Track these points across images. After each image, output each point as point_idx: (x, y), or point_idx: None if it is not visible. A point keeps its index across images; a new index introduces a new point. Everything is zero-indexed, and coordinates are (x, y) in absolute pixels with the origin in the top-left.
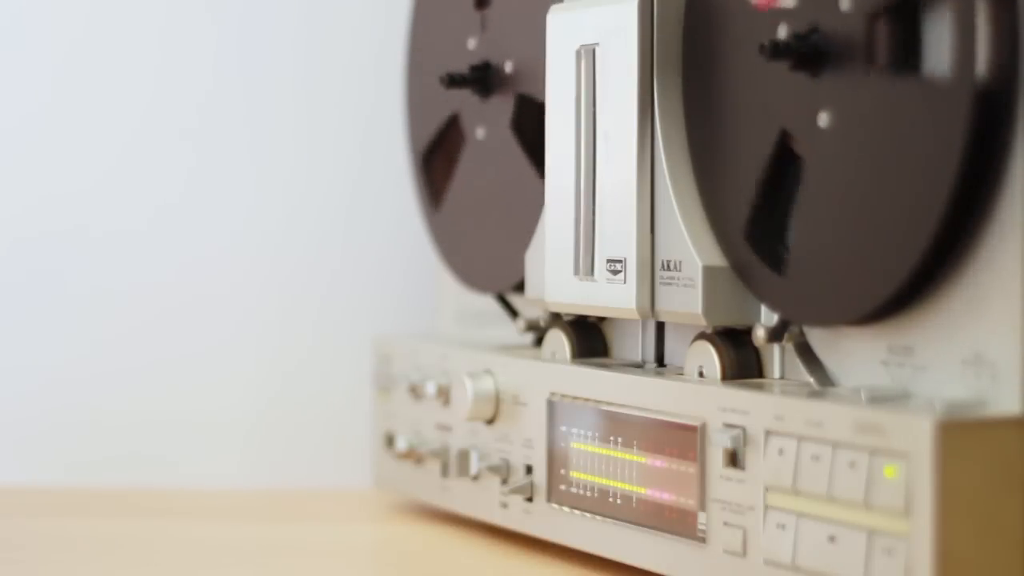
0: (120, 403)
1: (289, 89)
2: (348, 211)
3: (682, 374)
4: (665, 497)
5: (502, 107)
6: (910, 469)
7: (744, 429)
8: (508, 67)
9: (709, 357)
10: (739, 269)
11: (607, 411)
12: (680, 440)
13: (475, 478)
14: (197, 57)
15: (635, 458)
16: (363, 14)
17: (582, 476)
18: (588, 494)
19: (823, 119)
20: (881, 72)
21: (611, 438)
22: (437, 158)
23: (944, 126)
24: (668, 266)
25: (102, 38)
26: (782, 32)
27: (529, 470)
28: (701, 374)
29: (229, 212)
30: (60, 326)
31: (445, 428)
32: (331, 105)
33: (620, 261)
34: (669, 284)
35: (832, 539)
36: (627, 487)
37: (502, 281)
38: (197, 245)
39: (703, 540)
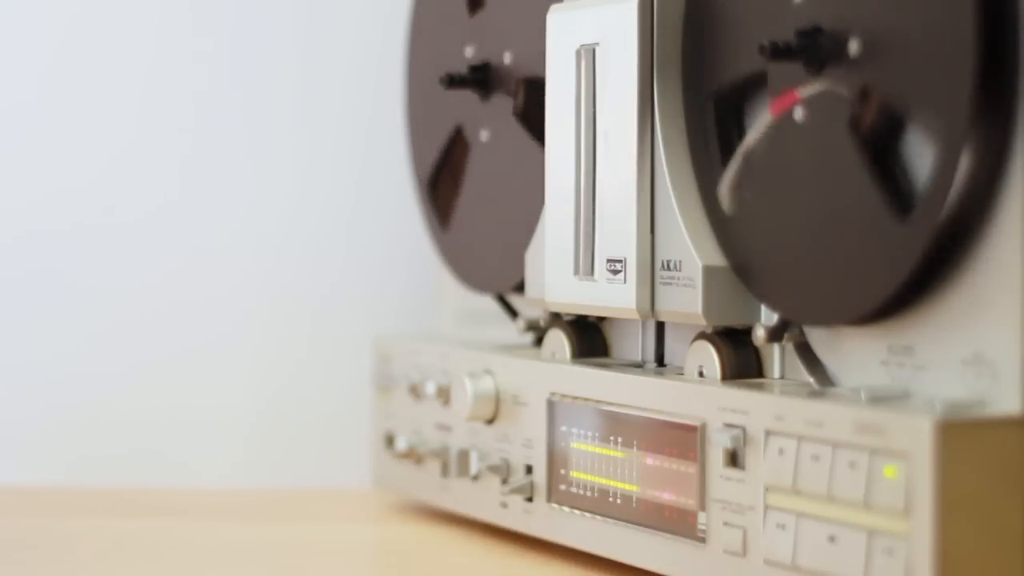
0: (120, 402)
1: (289, 88)
2: (349, 211)
3: (682, 374)
4: (665, 497)
5: (505, 103)
6: (910, 469)
7: (744, 429)
8: (508, 58)
9: (709, 357)
10: (739, 269)
11: (607, 411)
12: (680, 440)
13: (475, 478)
14: (196, 55)
15: (635, 458)
16: (363, 13)
17: (582, 476)
18: (588, 494)
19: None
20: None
21: (611, 438)
22: (443, 179)
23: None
24: (668, 266)
25: (99, 35)
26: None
27: (529, 470)
28: (701, 374)
29: (229, 211)
30: (59, 324)
31: (445, 428)
32: (332, 104)
33: (620, 261)
34: (669, 284)
35: (832, 539)
36: (627, 487)
37: (502, 281)
38: (197, 244)
39: (703, 540)
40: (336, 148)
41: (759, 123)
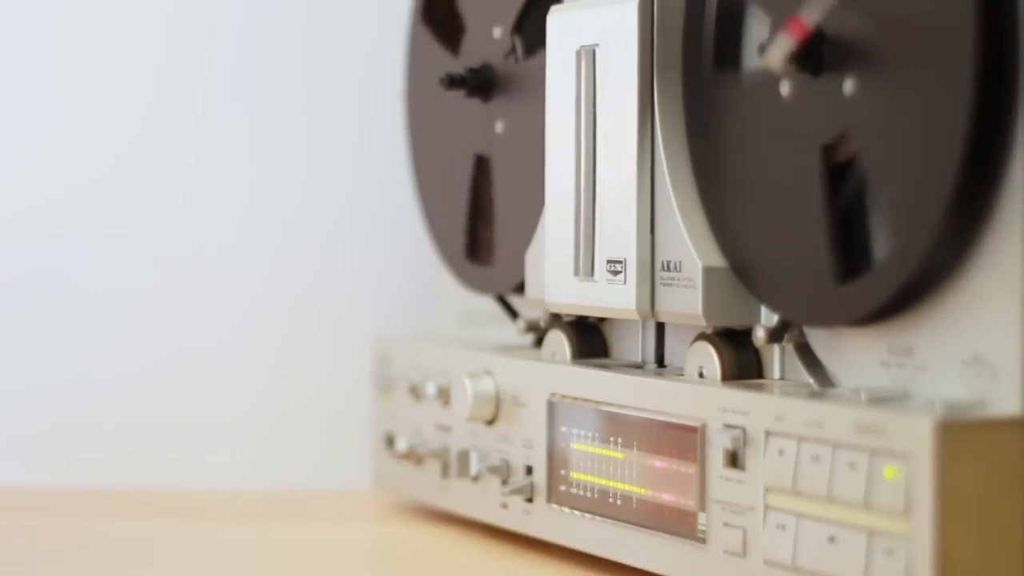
0: (121, 403)
1: (290, 89)
2: (349, 212)
3: (682, 375)
4: (665, 498)
5: (506, 98)
6: (910, 469)
7: (744, 430)
8: (497, 33)
9: (709, 358)
10: (739, 270)
11: (607, 412)
12: (680, 441)
13: (475, 479)
14: (198, 58)
15: (635, 459)
16: (365, 14)
17: (582, 477)
18: (588, 495)
19: (836, 115)
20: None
21: (611, 439)
22: (478, 230)
23: (950, 84)
24: (668, 267)
25: (104, 38)
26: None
27: (529, 471)
28: (701, 375)
29: (230, 213)
30: (61, 326)
31: (445, 429)
32: (333, 105)
33: (620, 262)
34: (669, 285)
35: (832, 539)
36: (627, 487)
37: (502, 282)
38: (198, 245)
39: (703, 541)
40: (337, 149)
41: (778, 45)
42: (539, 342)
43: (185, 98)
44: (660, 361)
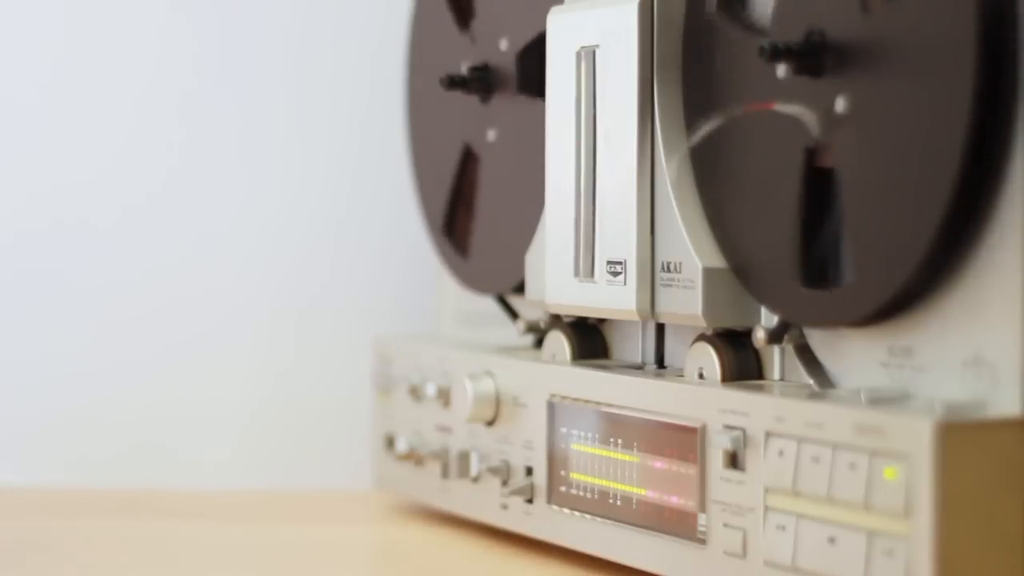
0: (119, 403)
1: (287, 86)
2: (348, 211)
3: (682, 376)
4: (665, 498)
5: (506, 101)
6: (910, 470)
7: (744, 431)
8: (504, 45)
9: (709, 359)
10: (739, 271)
11: (607, 413)
12: (680, 441)
13: (475, 479)
14: (194, 54)
15: (635, 459)
16: (360, 11)
17: (582, 477)
18: (588, 495)
19: (827, 119)
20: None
21: (611, 440)
22: (457, 215)
23: (946, 104)
24: (668, 268)
25: (100, 31)
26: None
27: (529, 471)
28: (701, 376)
29: (226, 211)
30: (57, 324)
31: (445, 429)
32: (330, 103)
33: (620, 263)
34: (669, 286)
35: (832, 540)
36: (627, 488)
37: (502, 282)
38: (194, 244)
39: (703, 541)
40: (335, 147)
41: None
42: (539, 343)
43: (179, 93)
44: (660, 362)
